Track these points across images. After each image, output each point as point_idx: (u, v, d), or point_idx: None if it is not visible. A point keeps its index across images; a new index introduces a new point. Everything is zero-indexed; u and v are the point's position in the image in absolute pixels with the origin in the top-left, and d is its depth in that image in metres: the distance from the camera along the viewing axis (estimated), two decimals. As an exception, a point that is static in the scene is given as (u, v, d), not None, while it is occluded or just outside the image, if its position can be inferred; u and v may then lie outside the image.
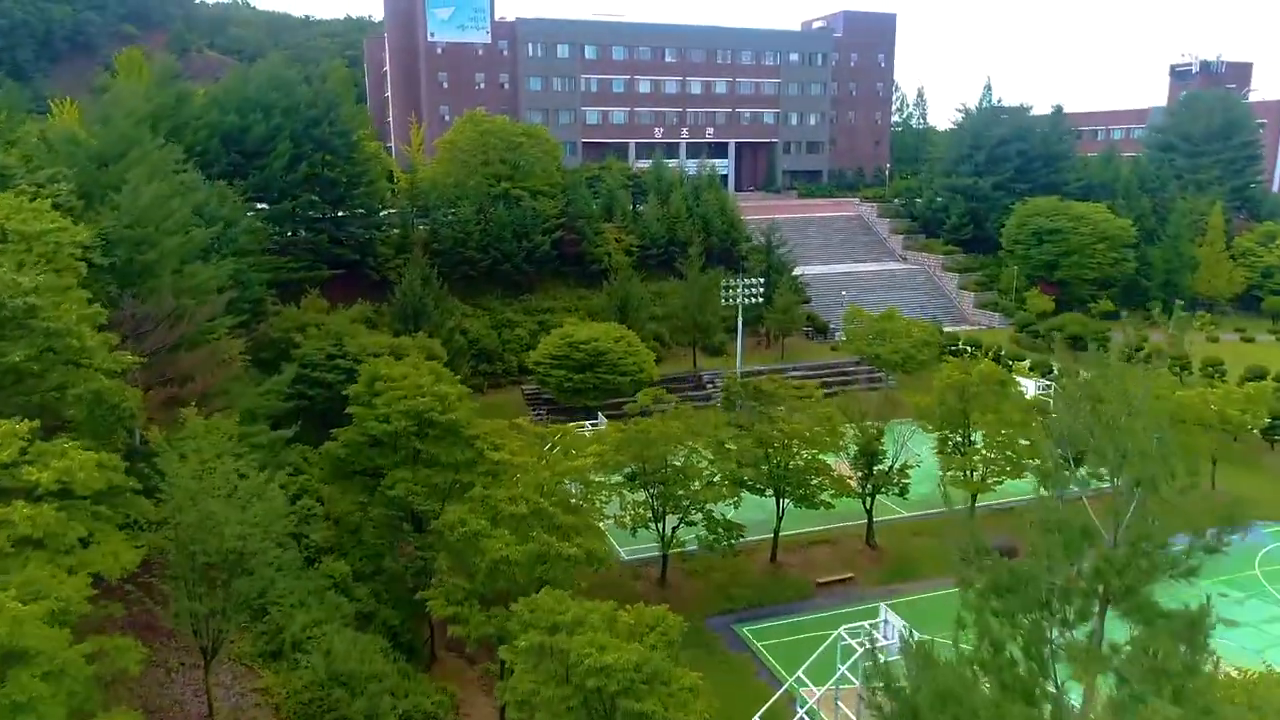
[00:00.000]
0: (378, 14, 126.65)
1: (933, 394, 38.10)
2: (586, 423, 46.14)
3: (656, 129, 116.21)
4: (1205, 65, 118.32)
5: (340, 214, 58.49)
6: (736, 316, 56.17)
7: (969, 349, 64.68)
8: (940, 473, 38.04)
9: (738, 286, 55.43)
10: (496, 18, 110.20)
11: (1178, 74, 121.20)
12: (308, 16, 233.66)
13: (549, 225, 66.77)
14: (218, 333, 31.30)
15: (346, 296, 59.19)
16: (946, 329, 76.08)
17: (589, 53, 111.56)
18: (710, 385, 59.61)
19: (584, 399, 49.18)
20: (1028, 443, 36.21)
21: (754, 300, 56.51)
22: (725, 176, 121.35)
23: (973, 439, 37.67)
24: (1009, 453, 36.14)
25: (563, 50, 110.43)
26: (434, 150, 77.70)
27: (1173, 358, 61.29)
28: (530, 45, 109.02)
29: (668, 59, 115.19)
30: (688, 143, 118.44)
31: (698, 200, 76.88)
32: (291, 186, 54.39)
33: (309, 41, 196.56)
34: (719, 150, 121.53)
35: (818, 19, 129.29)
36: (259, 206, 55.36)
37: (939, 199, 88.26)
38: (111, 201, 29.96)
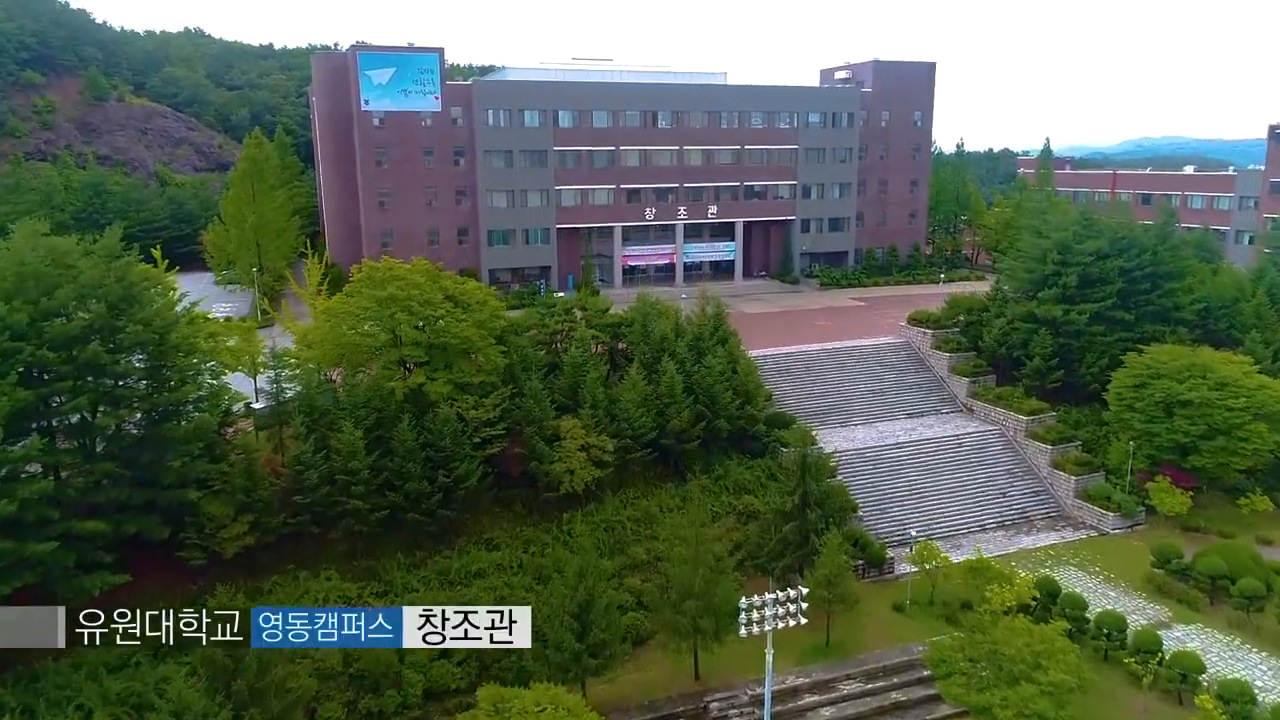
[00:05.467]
0: (344, 40, 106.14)
1: None
2: None
3: (648, 209, 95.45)
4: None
5: (143, 466, 37.25)
6: (766, 647, 34.85)
7: (1105, 634, 43.16)
8: None
9: (764, 606, 34.20)
10: (448, 79, 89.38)
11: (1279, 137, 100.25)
12: (269, 44, 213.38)
13: (484, 437, 45.73)
14: None
15: (153, 597, 38.12)
16: (1042, 539, 55.31)
17: (564, 119, 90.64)
18: (722, 723, 38.49)
19: None
20: None
21: (790, 622, 35.19)
22: (731, 262, 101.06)
23: None
24: None
25: (531, 117, 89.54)
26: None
27: None
28: (490, 113, 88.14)
29: (661, 124, 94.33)
30: (685, 224, 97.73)
31: (698, 360, 55.82)
32: (39, 454, 33.34)
33: (263, 78, 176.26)
34: (723, 231, 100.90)
35: (840, 68, 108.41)
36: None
37: (1015, 331, 67.14)
38: None
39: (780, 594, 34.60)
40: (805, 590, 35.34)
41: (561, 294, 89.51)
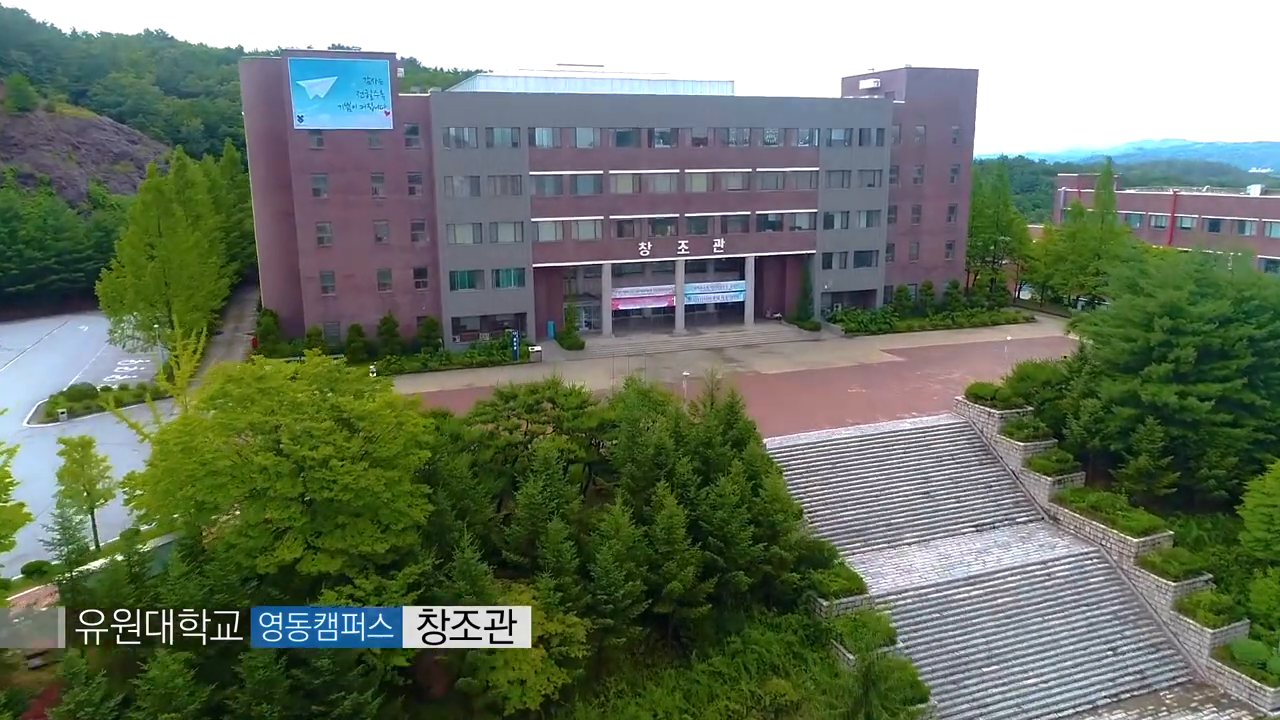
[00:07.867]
0: (319, 43, 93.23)
1: None
2: None
3: (642, 244, 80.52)
4: None
5: None
6: None
7: None
8: None
9: None
10: (409, 90, 74.70)
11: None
12: (237, 47, 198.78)
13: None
14: None
15: None
16: (1180, 726, 40.33)
17: (542, 137, 75.74)
18: None
19: None
20: None
21: None
22: (740, 304, 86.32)
23: None
24: None
25: (501, 135, 74.61)
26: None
27: None
28: (452, 130, 73.25)
29: (657, 142, 79.43)
30: (687, 260, 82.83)
31: (706, 479, 40.87)
32: None
33: (223, 84, 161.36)
34: (731, 267, 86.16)
35: (865, 75, 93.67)
36: None
37: (1112, 418, 52.25)
38: None
39: None
40: None
41: (538, 348, 74.98)
